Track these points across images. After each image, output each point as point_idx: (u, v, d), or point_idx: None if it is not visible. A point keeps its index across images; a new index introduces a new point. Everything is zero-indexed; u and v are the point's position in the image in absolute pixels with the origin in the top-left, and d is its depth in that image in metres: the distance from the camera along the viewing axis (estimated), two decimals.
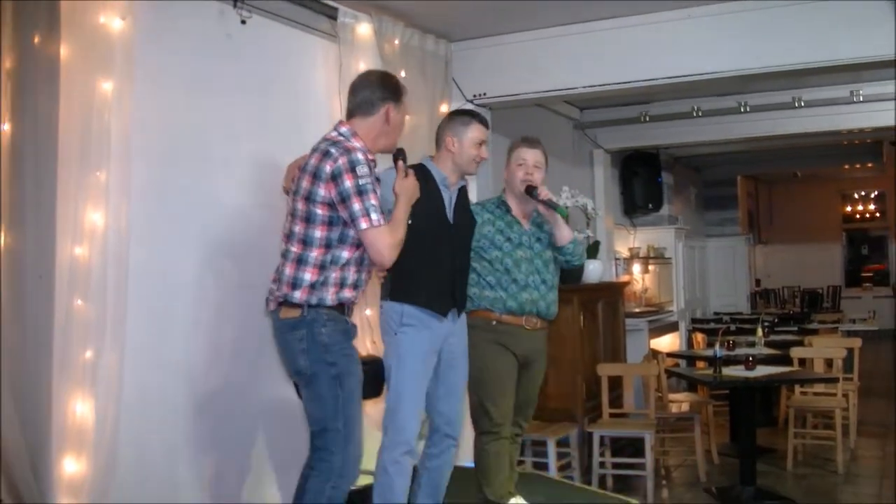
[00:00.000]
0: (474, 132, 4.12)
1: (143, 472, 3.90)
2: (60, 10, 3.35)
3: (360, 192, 3.40)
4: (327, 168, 3.41)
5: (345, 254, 3.50)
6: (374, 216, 3.43)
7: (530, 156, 4.36)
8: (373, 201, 3.44)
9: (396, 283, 4.00)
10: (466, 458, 4.75)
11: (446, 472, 4.20)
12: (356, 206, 3.40)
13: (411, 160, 3.94)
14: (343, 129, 3.60)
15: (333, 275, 3.49)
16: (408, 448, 3.89)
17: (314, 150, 3.55)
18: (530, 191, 4.26)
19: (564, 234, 4.32)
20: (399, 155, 3.82)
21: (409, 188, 3.74)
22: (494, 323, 4.26)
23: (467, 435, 4.47)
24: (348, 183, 3.39)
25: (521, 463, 5.37)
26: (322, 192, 3.43)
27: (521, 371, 4.34)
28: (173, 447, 4.14)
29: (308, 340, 3.45)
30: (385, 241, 3.47)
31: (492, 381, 4.23)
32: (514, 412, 4.34)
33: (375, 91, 3.65)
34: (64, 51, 3.37)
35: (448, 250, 4.07)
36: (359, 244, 3.51)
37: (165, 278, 4.11)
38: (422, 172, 3.98)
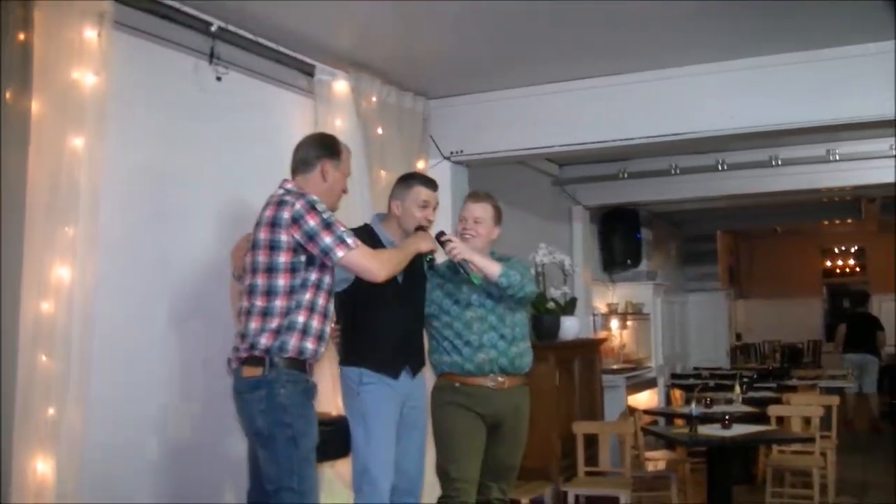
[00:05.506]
0: (416, 194, 4.13)
1: None
2: (34, 65, 3.36)
3: (327, 225, 3.49)
4: (285, 214, 3.48)
5: (307, 296, 3.54)
6: (349, 240, 3.51)
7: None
8: (342, 229, 3.51)
9: (348, 348, 4.06)
10: None
11: None
12: (328, 239, 3.47)
13: None
14: (288, 186, 3.69)
15: (298, 319, 3.52)
16: None
17: (266, 204, 3.61)
18: (439, 237, 4.05)
19: (488, 271, 4.03)
20: (440, 235, 4.02)
21: (423, 236, 3.94)
22: (458, 385, 4.18)
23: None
24: (312, 222, 3.47)
25: None
26: (284, 237, 3.49)
27: (490, 432, 4.22)
28: None
29: (267, 401, 3.46)
30: (367, 259, 3.58)
31: (451, 442, 4.15)
32: (489, 477, 4.23)
33: (311, 149, 3.76)
34: (35, 106, 3.38)
35: (399, 312, 4.09)
36: (318, 286, 3.56)
37: (133, 333, 4.08)
38: (368, 234, 3.98)
